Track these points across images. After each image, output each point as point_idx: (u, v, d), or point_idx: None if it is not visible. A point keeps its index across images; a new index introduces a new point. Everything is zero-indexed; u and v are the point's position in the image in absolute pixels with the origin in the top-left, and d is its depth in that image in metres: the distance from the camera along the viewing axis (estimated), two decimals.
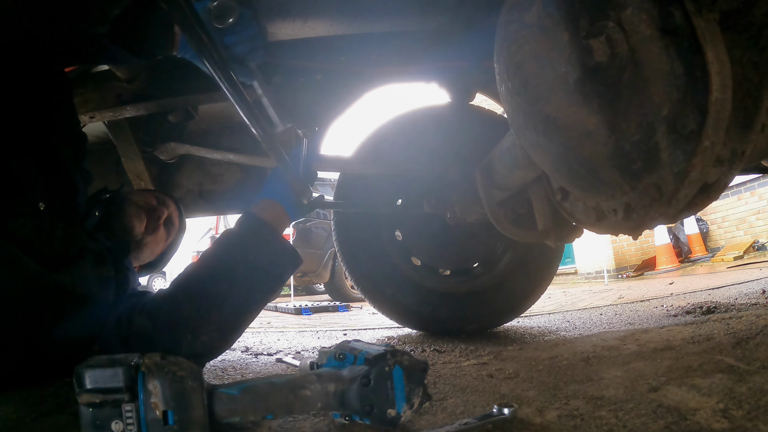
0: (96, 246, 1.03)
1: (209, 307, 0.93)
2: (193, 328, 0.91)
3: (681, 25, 0.60)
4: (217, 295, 0.94)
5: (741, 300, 1.96)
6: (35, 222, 0.85)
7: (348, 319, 3.33)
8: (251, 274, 0.97)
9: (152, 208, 1.26)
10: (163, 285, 10.59)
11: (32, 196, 0.90)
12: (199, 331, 0.92)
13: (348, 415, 0.65)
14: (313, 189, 1.17)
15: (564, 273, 7.78)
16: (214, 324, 0.93)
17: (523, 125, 0.83)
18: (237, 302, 0.97)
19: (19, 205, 0.86)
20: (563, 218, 1.06)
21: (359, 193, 1.67)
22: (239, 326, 1.01)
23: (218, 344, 0.98)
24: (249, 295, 0.99)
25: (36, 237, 0.85)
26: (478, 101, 1.66)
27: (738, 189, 6.64)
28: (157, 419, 0.54)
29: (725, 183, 0.67)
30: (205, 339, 0.92)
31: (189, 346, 0.91)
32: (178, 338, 0.91)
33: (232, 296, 0.95)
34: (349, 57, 1.41)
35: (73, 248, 0.93)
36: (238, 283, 0.96)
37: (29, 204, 0.90)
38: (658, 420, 0.62)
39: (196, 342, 0.91)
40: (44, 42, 0.93)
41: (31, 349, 0.86)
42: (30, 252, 0.83)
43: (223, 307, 0.94)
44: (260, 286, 1.00)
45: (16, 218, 0.83)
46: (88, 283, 0.93)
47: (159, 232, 1.28)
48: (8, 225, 0.81)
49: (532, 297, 1.79)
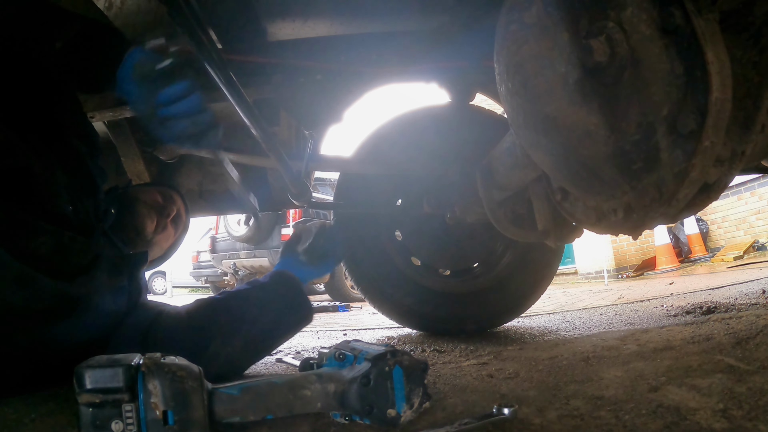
0: (113, 252, 1.05)
1: (241, 322, 1.02)
2: (224, 334, 0.98)
3: (681, 25, 0.60)
4: (249, 316, 1.04)
5: (741, 300, 1.96)
6: (55, 239, 0.86)
7: (348, 319, 3.33)
8: (280, 309, 1.09)
9: (161, 207, 1.27)
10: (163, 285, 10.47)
11: (61, 200, 0.90)
12: (228, 338, 0.98)
13: (348, 415, 0.65)
14: (313, 189, 1.18)
15: (564, 273, 7.78)
16: (243, 339, 1.01)
17: (523, 125, 0.83)
18: (265, 327, 1.07)
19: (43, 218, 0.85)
20: (563, 218, 1.06)
21: (359, 193, 1.67)
22: (262, 350, 1.11)
23: (241, 359, 1.06)
24: (275, 326, 1.09)
25: (54, 253, 0.86)
26: (478, 101, 1.66)
27: (738, 189, 6.64)
28: (157, 419, 0.54)
29: (725, 183, 0.67)
30: (231, 350, 0.99)
31: (215, 351, 0.96)
32: (207, 339, 0.96)
33: (261, 321, 1.05)
34: (349, 57, 1.41)
35: (86, 258, 0.94)
36: (269, 313, 1.07)
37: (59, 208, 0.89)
38: (658, 420, 0.62)
39: (224, 350, 0.97)
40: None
41: (41, 358, 0.86)
42: (46, 267, 0.84)
43: (254, 326, 1.04)
44: (285, 322, 1.11)
45: (38, 237, 0.84)
46: (100, 293, 0.94)
47: (168, 230, 1.30)
48: (29, 244, 0.82)
49: (532, 297, 1.79)
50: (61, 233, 0.87)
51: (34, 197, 0.86)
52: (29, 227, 0.83)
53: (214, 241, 7.06)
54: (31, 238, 0.82)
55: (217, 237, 7.03)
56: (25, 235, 0.82)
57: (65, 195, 0.92)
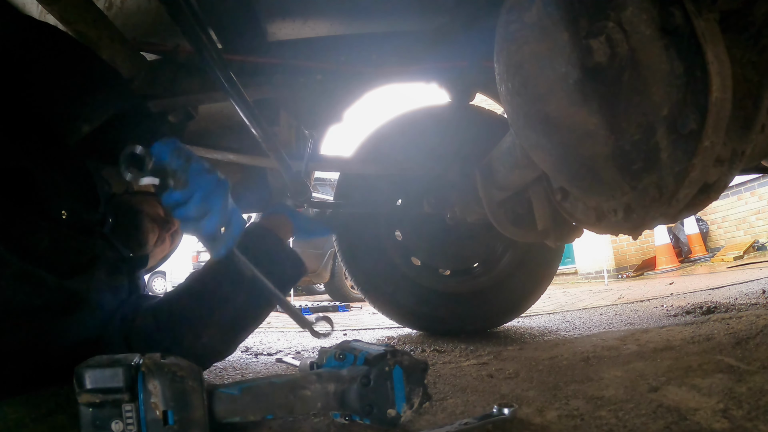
0: (113, 254, 1.04)
1: (211, 309, 0.94)
2: (195, 328, 0.92)
3: (681, 25, 0.60)
4: (220, 298, 0.95)
5: (741, 300, 1.96)
6: (53, 236, 0.86)
7: (348, 319, 3.33)
8: (255, 279, 0.96)
9: (164, 221, 1.28)
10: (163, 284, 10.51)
11: (56, 205, 0.90)
12: (200, 331, 0.92)
13: (348, 415, 0.65)
14: (313, 189, 1.17)
15: (564, 273, 7.78)
16: (216, 326, 0.94)
17: (523, 125, 0.83)
18: (239, 305, 0.97)
19: (40, 217, 0.86)
20: (563, 218, 1.06)
21: (359, 193, 1.67)
22: (241, 330, 1.02)
23: (219, 347, 0.99)
24: (252, 300, 0.98)
25: (52, 249, 0.86)
26: (478, 101, 1.66)
27: (738, 189, 6.64)
28: (157, 419, 0.54)
29: (725, 183, 0.67)
30: (206, 340, 0.93)
31: (190, 346, 0.91)
32: (178, 337, 0.91)
33: (235, 299, 0.96)
34: (349, 57, 1.41)
35: (84, 257, 0.93)
36: (242, 287, 0.95)
37: (53, 211, 0.89)
38: (658, 420, 0.62)
39: (198, 342, 0.92)
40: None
41: (42, 354, 0.86)
42: (45, 263, 0.84)
43: (225, 309, 0.95)
44: (264, 292, 0.98)
45: (36, 233, 0.84)
46: (98, 291, 0.94)
47: (165, 243, 1.31)
48: (28, 240, 0.82)
49: (532, 297, 1.79)
50: (58, 231, 0.87)
51: (31, 198, 0.86)
52: (27, 224, 0.83)
53: None
54: (28, 235, 0.83)
55: None
56: (22, 232, 0.82)
57: (64, 198, 0.92)
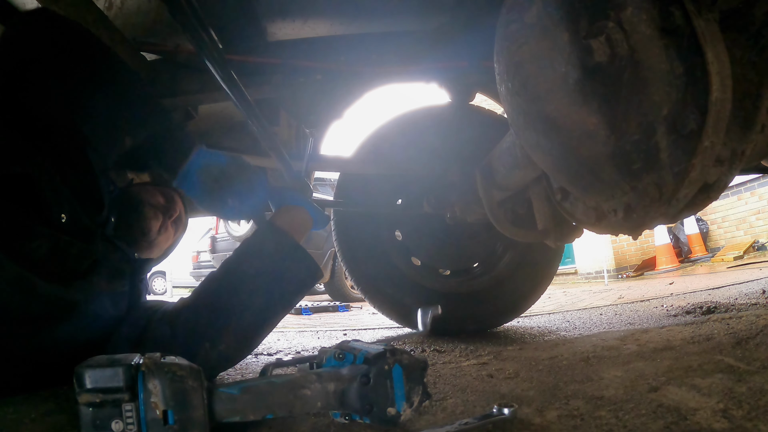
0: (117, 256, 1.04)
1: (228, 317, 0.94)
2: (212, 337, 0.92)
3: (681, 25, 0.60)
4: (237, 305, 0.95)
5: (741, 300, 1.96)
6: (52, 243, 0.86)
7: (348, 319, 3.33)
8: (271, 285, 0.98)
9: (165, 208, 1.27)
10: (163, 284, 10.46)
11: (56, 210, 0.90)
12: (217, 340, 0.92)
13: (348, 415, 0.65)
14: (313, 189, 1.17)
15: (564, 273, 7.78)
16: (233, 334, 0.94)
17: (523, 125, 0.83)
18: (256, 313, 0.97)
19: (39, 224, 0.85)
20: (563, 218, 1.06)
21: (359, 193, 1.67)
22: (257, 337, 1.02)
23: (235, 354, 0.99)
24: (268, 306, 0.99)
25: (51, 256, 0.85)
26: (478, 101, 1.66)
27: (738, 189, 6.64)
28: (157, 419, 0.54)
29: (725, 183, 0.67)
30: (222, 348, 0.93)
31: (206, 355, 0.91)
32: (195, 346, 0.91)
33: (251, 307, 0.96)
34: (349, 57, 1.41)
35: (85, 262, 0.93)
36: (258, 294, 0.96)
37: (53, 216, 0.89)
38: (658, 420, 0.62)
39: (214, 351, 0.92)
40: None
41: (36, 362, 0.86)
42: (42, 271, 0.83)
43: (243, 317, 0.95)
44: (280, 298, 1.00)
45: (34, 239, 0.83)
46: (97, 298, 0.94)
47: (169, 231, 1.30)
48: (25, 247, 0.82)
49: (532, 297, 1.79)
50: (57, 237, 0.87)
51: (31, 203, 0.86)
52: (26, 230, 0.82)
53: (214, 241, 7.07)
54: (27, 241, 0.82)
55: (217, 237, 7.04)
56: (21, 237, 0.82)
57: (64, 206, 0.92)
